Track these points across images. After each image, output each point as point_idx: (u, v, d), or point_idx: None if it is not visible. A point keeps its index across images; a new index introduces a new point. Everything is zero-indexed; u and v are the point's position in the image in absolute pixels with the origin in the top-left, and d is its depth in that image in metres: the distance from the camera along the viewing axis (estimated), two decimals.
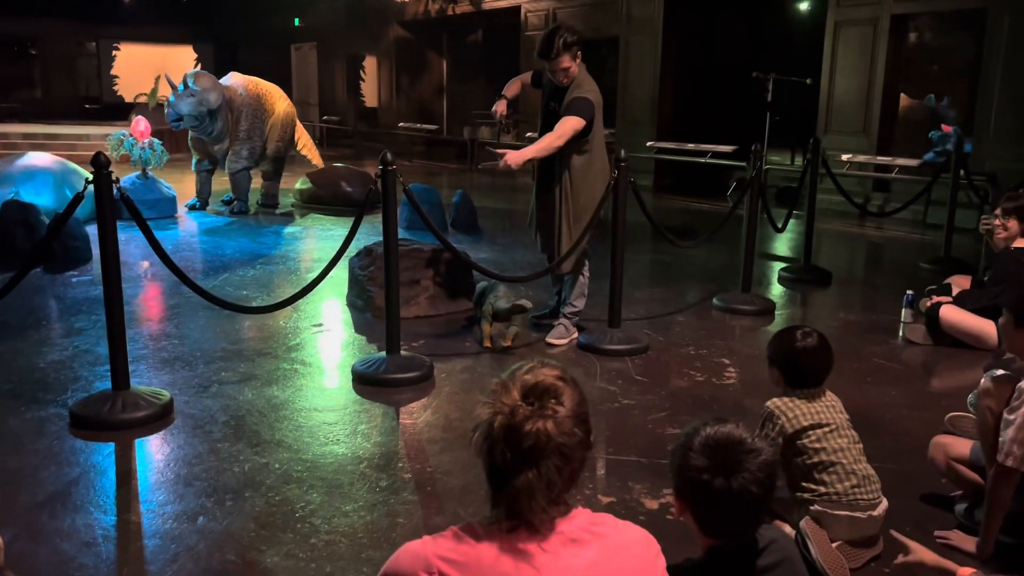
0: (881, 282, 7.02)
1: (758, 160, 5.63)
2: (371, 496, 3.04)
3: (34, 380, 4.11)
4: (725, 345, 4.89)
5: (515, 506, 1.33)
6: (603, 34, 13.52)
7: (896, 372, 4.50)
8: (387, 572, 1.42)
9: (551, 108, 4.68)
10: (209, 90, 8.77)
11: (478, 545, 1.34)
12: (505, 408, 1.34)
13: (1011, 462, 2.42)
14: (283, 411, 3.81)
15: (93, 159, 3.50)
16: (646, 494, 3.05)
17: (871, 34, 9.90)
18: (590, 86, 4.52)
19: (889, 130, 10.15)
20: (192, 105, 8.66)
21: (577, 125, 4.36)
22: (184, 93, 8.65)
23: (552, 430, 1.32)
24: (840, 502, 2.52)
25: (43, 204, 7.33)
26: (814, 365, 2.64)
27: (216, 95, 8.82)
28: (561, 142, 4.40)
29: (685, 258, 7.17)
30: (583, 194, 4.63)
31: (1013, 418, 2.43)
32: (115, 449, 3.40)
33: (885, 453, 3.26)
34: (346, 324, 5.19)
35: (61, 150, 12.11)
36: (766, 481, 1.58)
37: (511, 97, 5.04)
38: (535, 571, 1.32)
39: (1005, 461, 2.43)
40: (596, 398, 3.96)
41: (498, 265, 6.69)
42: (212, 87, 8.84)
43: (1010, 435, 2.42)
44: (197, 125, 8.88)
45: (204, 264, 6.90)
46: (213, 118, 8.88)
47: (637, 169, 5.18)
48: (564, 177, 4.62)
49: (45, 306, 5.53)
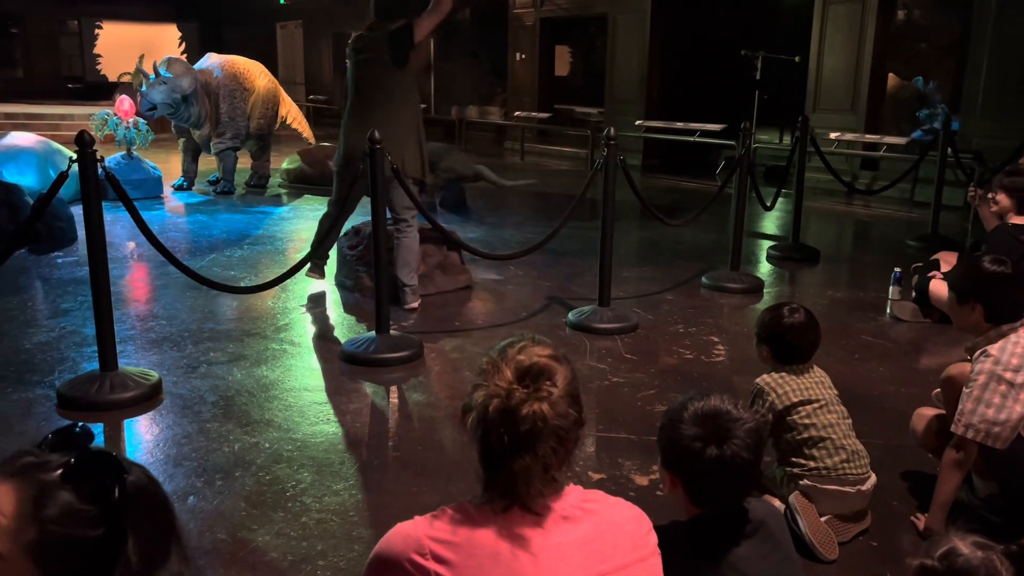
0: (869, 260, 7.05)
1: (747, 138, 5.63)
2: (361, 475, 3.04)
3: (20, 362, 4.08)
4: (714, 323, 4.91)
5: (512, 489, 1.32)
6: (590, 12, 13.45)
7: (884, 348, 4.53)
8: (378, 554, 1.40)
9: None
10: (181, 76, 8.63)
11: (472, 525, 1.33)
12: (500, 391, 1.32)
13: (970, 433, 2.44)
14: (272, 391, 3.80)
15: (77, 137, 3.45)
16: (636, 471, 3.06)
17: (859, 12, 9.87)
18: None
19: (877, 108, 10.15)
20: (165, 93, 8.53)
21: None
22: (156, 81, 8.52)
23: (548, 412, 1.31)
24: (829, 477, 2.54)
25: (26, 184, 7.24)
26: (802, 341, 2.65)
27: (189, 80, 8.68)
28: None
29: (674, 236, 7.17)
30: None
31: (970, 390, 2.46)
32: (104, 430, 3.38)
33: (873, 428, 3.29)
34: (335, 304, 5.18)
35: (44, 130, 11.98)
36: (755, 447, 1.66)
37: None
38: (530, 551, 1.32)
39: (959, 431, 2.46)
40: (586, 376, 3.96)
41: (487, 244, 6.67)
42: (184, 73, 8.69)
43: (968, 406, 2.45)
44: (173, 112, 8.76)
45: (191, 244, 6.85)
46: (188, 103, 8.75)
47: (625, 148, 5.16)
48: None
49: (30, 287, 5.49)
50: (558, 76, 15.27)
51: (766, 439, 2.50)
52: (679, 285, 5.73)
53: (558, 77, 15.26)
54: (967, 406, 2.47)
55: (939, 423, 2.76)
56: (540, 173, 12.27)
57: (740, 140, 5.70)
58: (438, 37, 18.28)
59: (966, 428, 2.46)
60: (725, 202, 6.05)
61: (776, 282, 6.03)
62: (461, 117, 15.60)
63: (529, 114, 14.13)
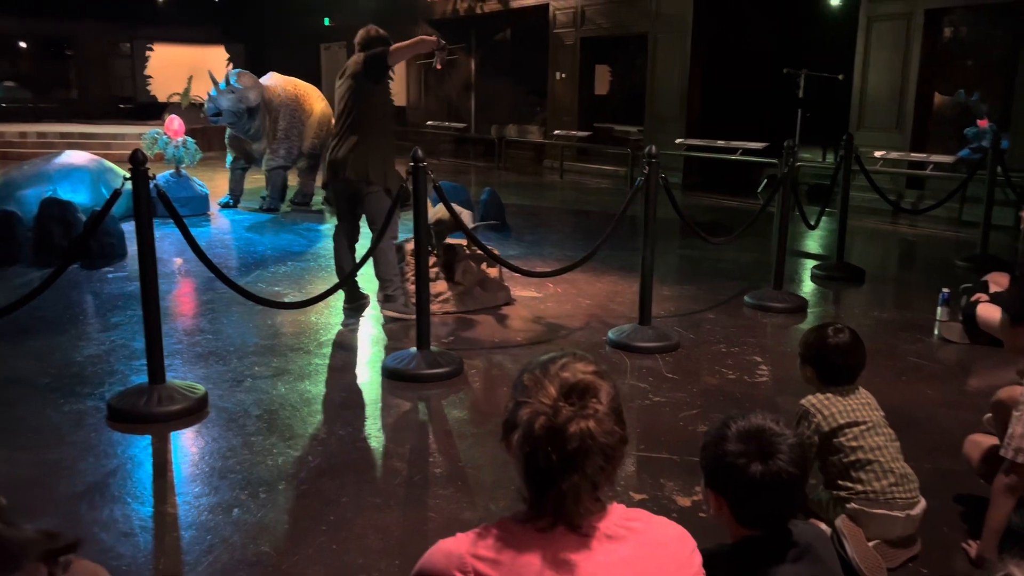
0: (915, 280, 6.92)
1: (790, 156, 5.58)
2: (402, 490, 3.06)
3: (72, 374, 4.18)
4: (757, 343, 4.85)
5: (560, 508, 1.31)
6: (631, 31, 13.47)
7: (932, 370, 4.44)
8: (420, 570, 1.39)
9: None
10: (249, 88, 8.95)
11: (516, 545, 1.32)
12: (546, 408, 1.31)
13: (1020, 458, 2.38)
14: (315, 405, 3.84)
15: (131, 156, 3.55)
16: (678, 491, 3.03)
17: (904, 29, 9.75)
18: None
19: (923, 126, 10.00)
20: (232, 101, 8.84)
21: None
22: (225, 90, 8.84)
23: (596, 429, 1.30)
24: (877, 500, 2.49)
25: (80, 202, 7.46)
26: (847, 361, 2.61)
27: (256, 94, 9.00)
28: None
29: (715, 255, 7.12)
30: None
31: (1020, 413, 2.40)
32: (151, 442, 3.45)
33: (922, 452, 3.21)
34: (377, 320, 5.22)
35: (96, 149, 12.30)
36: (800, 462, 1.64)
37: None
38: (575, 572, 1.30)
39: (1008, 455, 2.40)
40: (627, 395, 3.94)
41: (526, 261, 6.69)
42: (252, 86, 9.01)
43: (1018, 430, 2.39)
44: (235, 122, 9.05)
45: (237, 261, 6.98)
46: (251, 116, 9.06)
47: (666, 166, 5.16)
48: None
49: (82, 301, 5.63)
50: (598, 95, 15.32)
51: (812, 457, 2.47)
52: (721, 304, 5.68)
53: (598, 96, 15.30)
54: (1017, 430, 2.40)
55: (993, 449, 2.70)
56: (579, 191, 12.30)
57: (783, 158, 5.65)
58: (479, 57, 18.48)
59: (1016, 452, 2.40)
60: (767, 221, 5.99)
61: (820, 302, 5.94)
62: (501, 136, 15.70)
63: (568, 132, 14.17)
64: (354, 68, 5.03)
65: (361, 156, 4.89)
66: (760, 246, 7.30)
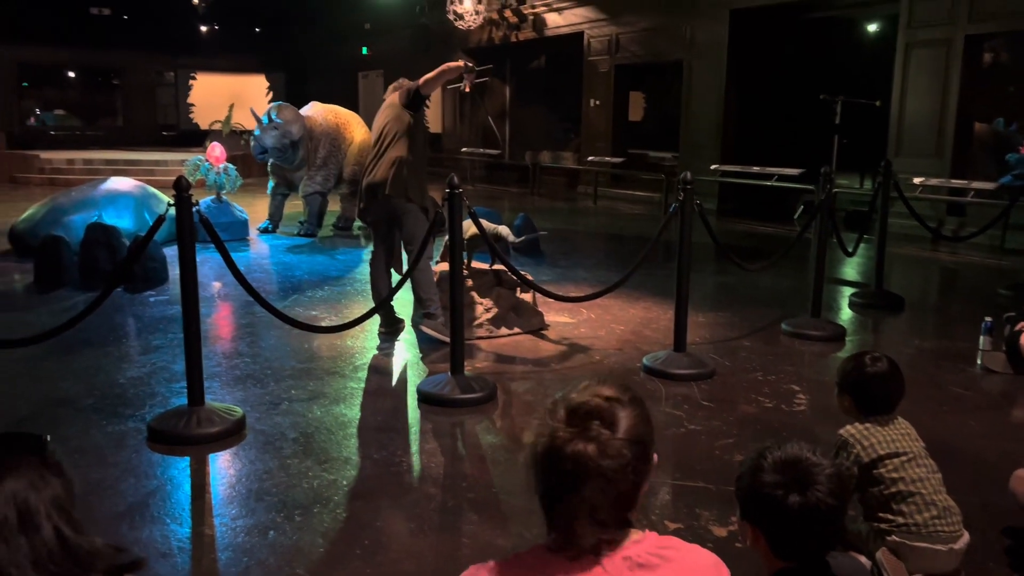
0: (957, 308, 6.80)
1: (827, 183, 5.54)
2: (436, 516, 3.06)
3: (115, 395, 4.26)
4: (794, 371, 4.80)
5: (562, 529, 1.32)
6: (665, 58, 13.52)
7: (974, 401, 4.35)
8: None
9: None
10: (291, 122, 9.07)
11: (544, 571, 1.32)
12: (548, 430, 1.34)
13: None
14: (350, 429, 3.87)
15: (175, 183, 3.64)
16: (714, 521, 3.00)
17: (944, 55, 9.66)
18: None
19: (964, 153, 9.86)
20: (276, 138, 8.97)
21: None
22: (268, 126, 8.96)
23: (592, 452, 1.29)
24: (919, 533, 2.44)
25: (124, 227, 7.64)
26: (885, 391, 2.58)
27: (298, 127, 9.12)
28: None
29: (751, 282, 7.06)
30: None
31: None
32: (190, 463, 3.50)
33: (964, 484, 3.14)
34: (411, 344, 5.26)
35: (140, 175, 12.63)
36: (838, 492, 1.60)
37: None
38: None
39: None
40: (662, 423, 3.92)
41: (560, 286, 6.70)
42: (294, 119, 9.13)
43: None
44: (281, 156, 9.18)
45: (275, 285, 7.09)
46: (295, 149, 9.20)
47: (700, 192, 5.16)
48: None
49: (125, 324, 5.75)
50: (632, 121, 15.36)
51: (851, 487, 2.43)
52: (757, 331, 5.63)
53: (632, 122, 15.35)
54: None
55: None
56: (613, 217, 12.30)
57: (820, 184, 5.61)
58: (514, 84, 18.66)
59: None
60: (804, 247, 5.94)
61: (859, 330, 5.86)
62: (535, 162, 15.79)
63: (602, 159, 14.22)
64: (392, 99, 5.22)
65: (399, 175, 5.02)
66: (797, 273, 7.23)
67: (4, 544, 1.05)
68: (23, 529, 1.07)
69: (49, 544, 1.07)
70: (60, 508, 1.11)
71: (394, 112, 5.15)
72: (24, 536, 1.07)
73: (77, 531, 1.12)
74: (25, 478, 1.10)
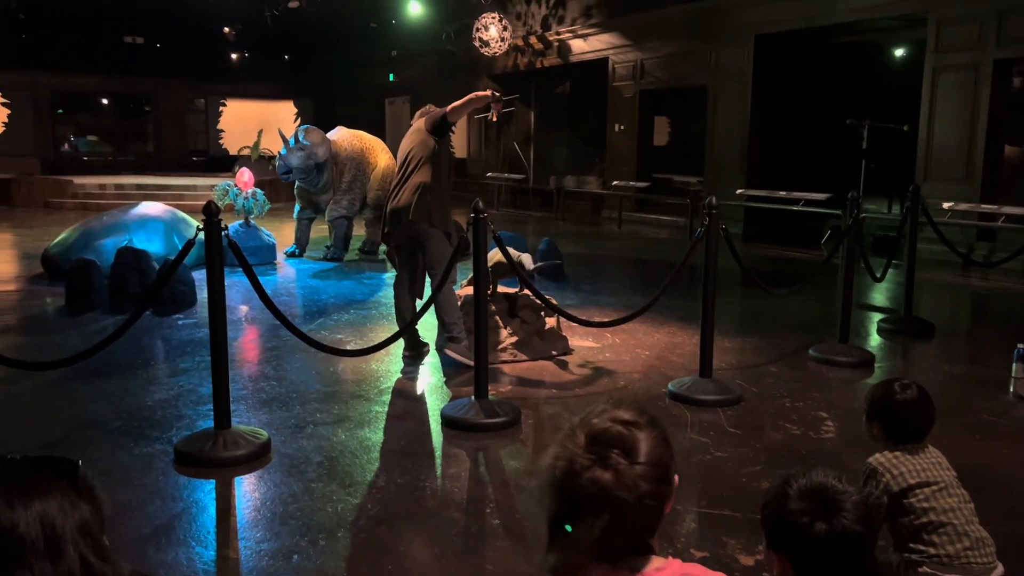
0: (988, 335, 6.69)
1: (855, 207, 5.50)
2: (460, 541, 3.05)
3: (142, 418, 4.31)
4: (822, 397, 4.74)
5: (566, 553, 1.30)
6: (690, 84, 13.55)
7: (1007, 429, 4.26)
8: None
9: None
10: (317, 145, 9.24)
11: None
12: (566, 455, 1.32)
13: None
14: (374, 453, 3.88)
15: (204, 208, 3.70)
16: (741, 550, 2.96)
17: (972, 79, 9.59)
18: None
19: (994, 177, 9.75)
20: (301, 159, 9.14)
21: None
22: (294, 147, 9.14)
23: (610, 482, 1.28)
24: (952, 565, 2.38)
25: (154, 251, 7.76)
26: (915, 418, 2.53)
27: (324, 150, 9.29)
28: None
29: (777, 307, 7.01)
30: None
31: None
32: (216, 486, 3.52)
33: (997, 515, 3.08)
34: (435, 368, 5.27)
35: (170, 200, 12.83)
36: (866, 520, 1.57)
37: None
38: None
39: None
40: (687, 449, 3.88)
41: (584, 311, 6.68)
42: (320, 142, 9.30)
43: None
44: (305, 177, 9.34)
45: (301, 308, 7.15)
46: (320, 171, 9.35)
47: (726, 217, 5.14)
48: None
49: (153, 347, 5.82)
50: (656, 146, 15.38)
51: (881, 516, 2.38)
52: (784, 357, 5.57)
53: (656, 147, 15.37)
54: None
55: None
56: (638, 241, 12.29)
57: (848, 209, 5.57)
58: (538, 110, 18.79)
59: None
60: (831, 272, 5.89)
61: (888, 356, 5.79)
62: (559, 187, 15.84)
63: (627, 183, 14.23)
64: (418, 124, 5.29)
65: (423, 200, 5.07)
66: (824, 298, 7.16)
67: (28, 570, 1.06)
68: (48, 554, 1.08)
69: (73, 571, 1.08)
70: (87, 534, 1.11)
71: (419, 137, 5.21)
72: (48, 562, 1.07)
73: (103, 558, 1.12)
74: (55, 502, 1.11)
